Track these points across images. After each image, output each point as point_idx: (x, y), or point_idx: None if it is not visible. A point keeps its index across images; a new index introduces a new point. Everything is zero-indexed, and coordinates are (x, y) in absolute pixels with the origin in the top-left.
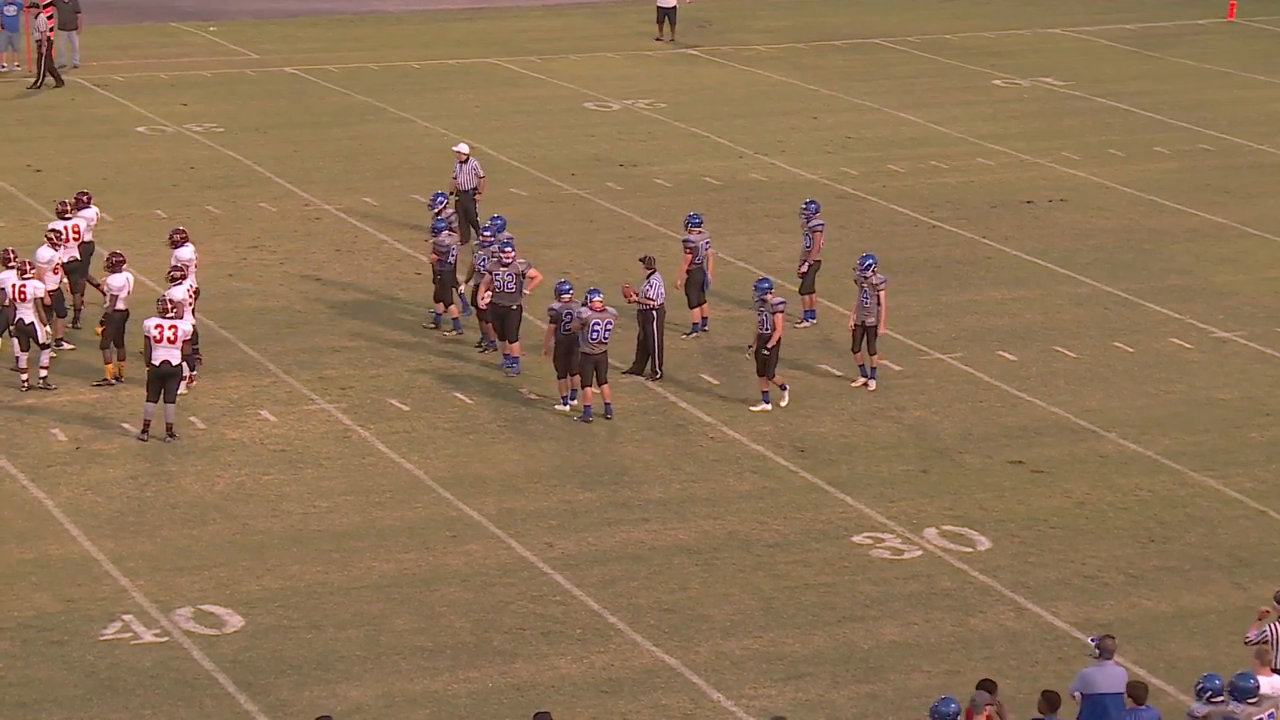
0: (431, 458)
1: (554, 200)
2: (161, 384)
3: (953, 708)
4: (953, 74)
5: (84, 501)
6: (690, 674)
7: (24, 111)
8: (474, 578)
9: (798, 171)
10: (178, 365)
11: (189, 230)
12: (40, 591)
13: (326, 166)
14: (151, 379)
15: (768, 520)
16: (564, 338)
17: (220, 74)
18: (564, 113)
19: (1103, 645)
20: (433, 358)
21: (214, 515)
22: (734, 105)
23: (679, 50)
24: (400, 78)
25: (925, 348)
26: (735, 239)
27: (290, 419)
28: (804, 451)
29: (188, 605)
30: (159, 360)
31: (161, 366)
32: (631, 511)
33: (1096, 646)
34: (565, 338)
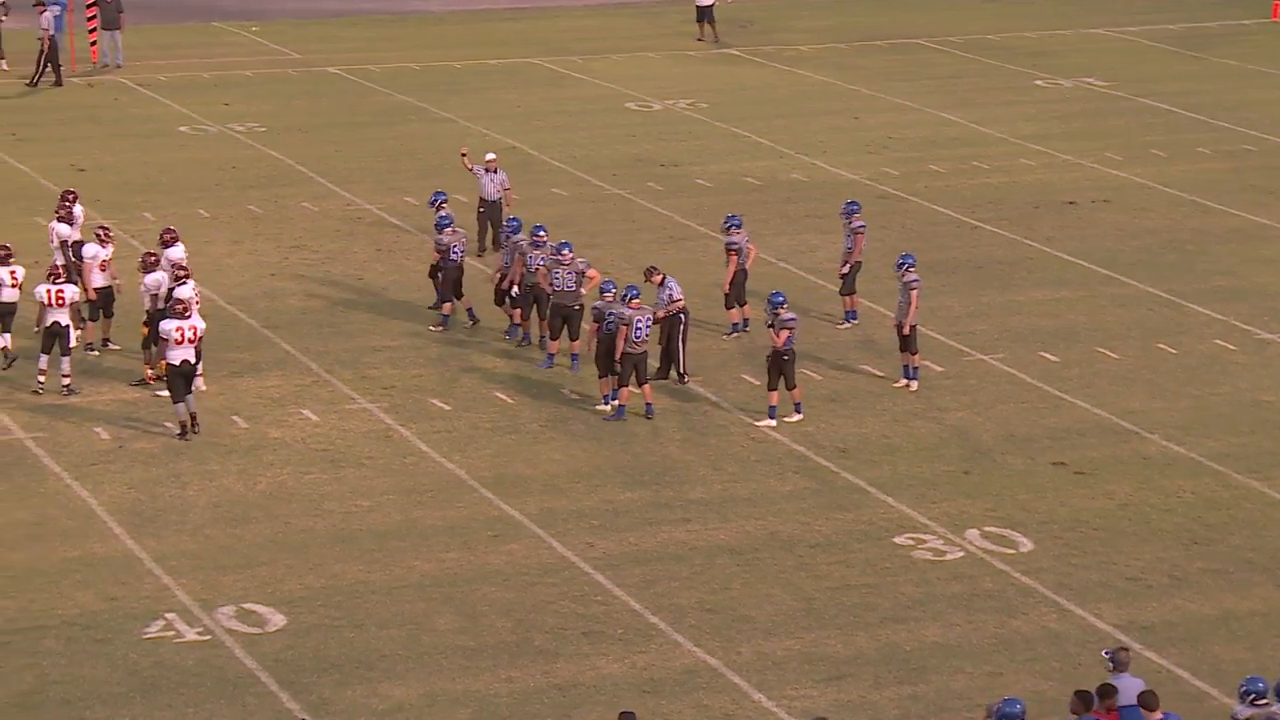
0: (473, 457)
1: (595, 200)
2: (186, 382)
3: (1018, 709)
4: (995, 74)
5: (127, 500)
6: (732, 674)
7: (67, 111)
8: (515, 577)
9: (839, 172)
10: (196, 363)
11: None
12: (84, 590)
13: (368, 166)
14: (175, 378)
15: (809, 521)
16: (605, 337)
17: (262, 74)
18: (605, 113)
19: (1117, 658)
20: (474, 357)
21: (256, 514)
22: (775, 105)
23: (720, 50)
24: (442, 78)
25: (967, 348)
26: (776, 239)
27: (332, 418)
28: (846, 452)
29: (230, 604)
30: (179, 360)
31: (182, 366)
32: (673, 511)
33: (1111, 659)
34: (607, 337)
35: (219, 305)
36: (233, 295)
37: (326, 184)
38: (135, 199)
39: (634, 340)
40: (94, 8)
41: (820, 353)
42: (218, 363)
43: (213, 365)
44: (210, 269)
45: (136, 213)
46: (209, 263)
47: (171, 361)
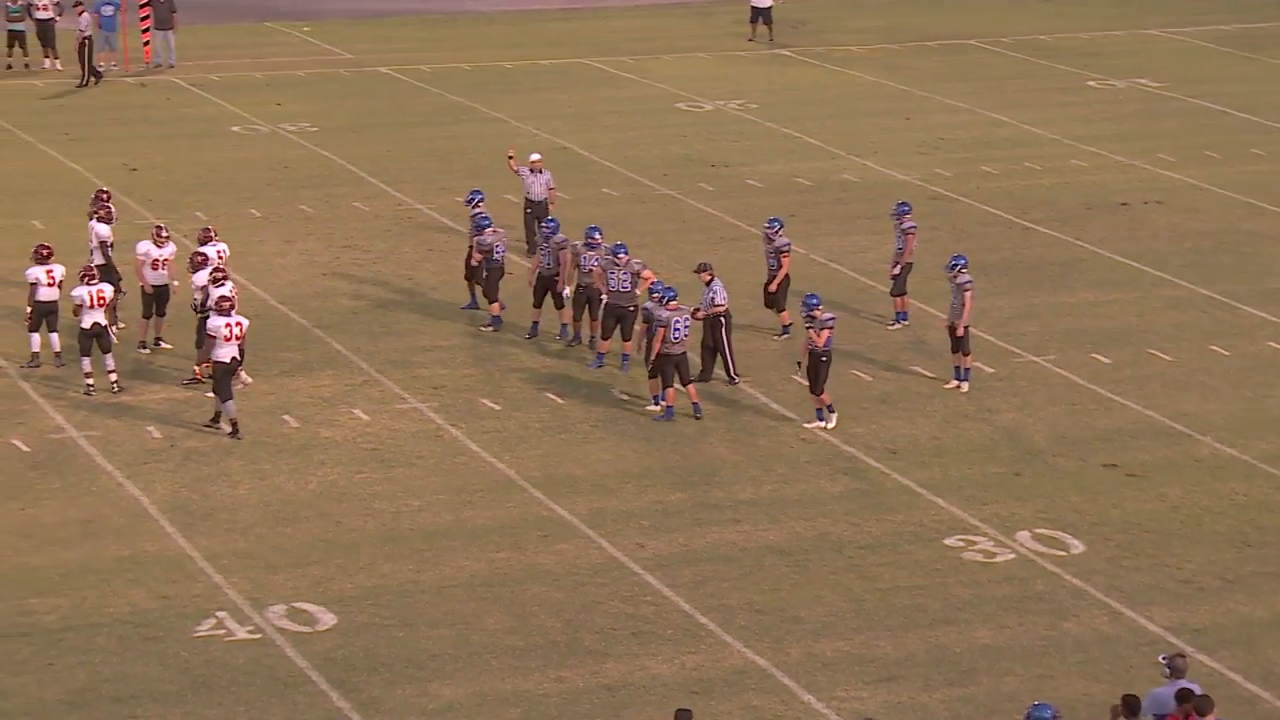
0: (523, 457)
1: (645, 200)
2: (232, 379)
3: (1048, 714)
4: (1047, 75)
5: (179, 499)
6: (781, 675)
7: (122, 111)
8: (565, 577)
9: (890, 172)
10: (241, 360)
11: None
12: (136, 588)
13: (419, 166)
14: (225, 376)
15: (859, 522)
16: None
17: (314, 74)
18: (656, 113)
19: (1174, 664)
20: (524, 357)
21: (307, 513)
22: (826, 106)
23: (772, 51)
24: (493, 78)
25: (1018, 350)
26: (827, 240)
27: (383, 418)
28: (896, 453)
29: (281, 603)
30: (229, 357)
31: (230, 363)
32: (723, 512)
33: (1168, 665)
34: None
35: (270, 305)
36: (284, 295)
37: (377, 184)
38: (187, 198)
39: (672, 341)
40: (147, 8)
41: (871, 354)
42: (269, 362)
43: (264, 364)
44: (262, 269)
45: (188, 212)
46: (260, 262)
47: (221, 359)
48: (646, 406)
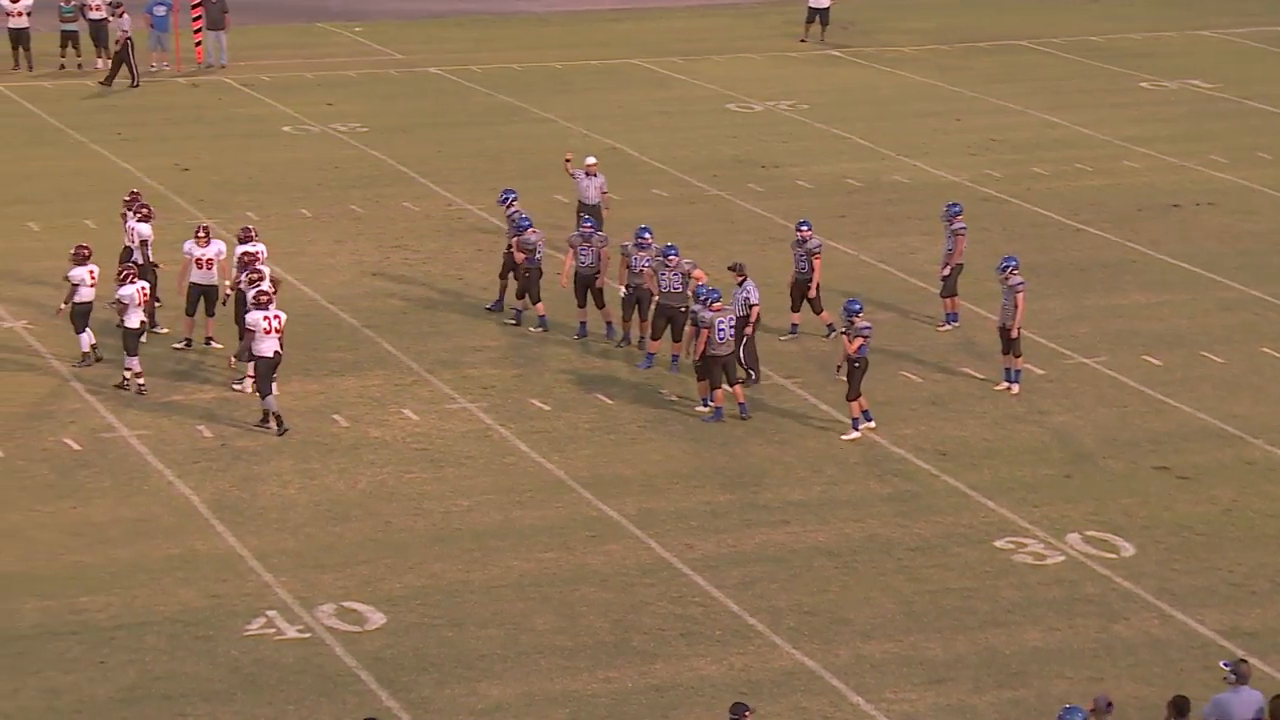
0: (572, 457)
1: (695, 201)
2: (274, 374)
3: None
4: (1098, 76)
5: (229, 498)
6: (830, 676)
7: (173, 111)
8: (614, 578)
9: (940, 173)
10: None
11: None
12: (187, 587)
13: (470, 166)
14: (266, 370)
15: (909, 524)
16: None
17: (365, 74)
18: (706, 114)
19: (1238, 670)
20: (574, 358)
21: (356, 513)
22: (877, 107)
23: (822, 51)
24: (543, 78)
25: (1068, 351)
26: (877, 241)
27: (432, 418)
28: (946, 455)
29: (330, 602)
30: (271, 351)
31: (274, 357)
32: (771, 513)
33: (1232, 671)
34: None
35: (320, 304)
36: (334, 295)
37: (427, 184)
38: (238, 198)
39: (717, 342)
40: (199, 8)
41: (921, 355)
42: (319, 362)
43: (314, 364)
44: (312, 268)
45: (239, 212)
46: (311, 262)
47: (264, 354)
48: (695, 408)
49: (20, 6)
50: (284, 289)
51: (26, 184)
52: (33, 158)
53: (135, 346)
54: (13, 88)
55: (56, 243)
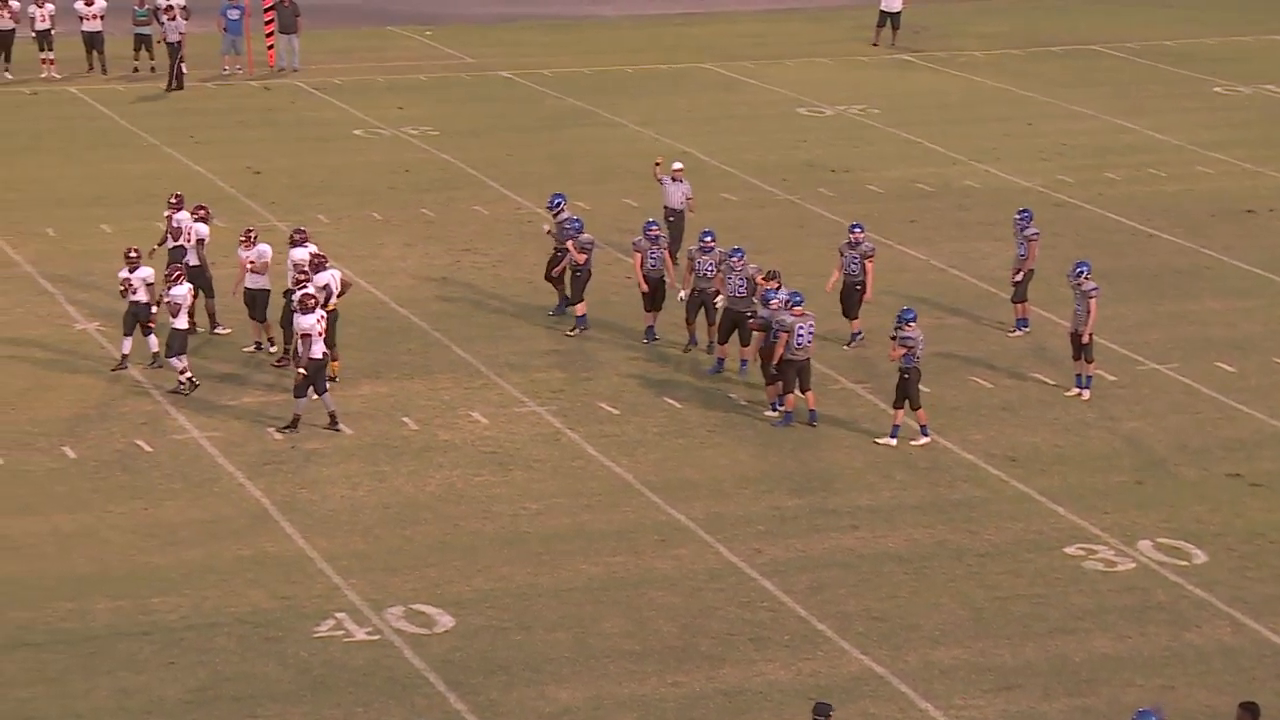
0: (641, 461)
1: (765, 205)
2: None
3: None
4: (1172, 80)
5: (299, 500)
6: (899, 682)
7: (246, 114)
8: (682, 582)
9: (1012, 178)
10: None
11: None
12: (257, 588)
13: (539, 170)
14: (317, 372)
15: (979, 530)
16: (774, 345)
17: (436, 77)
18: (776, 118)
19: None
20: (643, 362)
21: (426, 515)
22: (948, 111)
23: (893, 56)
24: (613, 82)
25: (1141, 358)
26: (948, 246)
27: (501, 421)
28: (1016, 461)
29: (399, 604)
30: (321, 354)
31: (322, 359)
32: (840, 518)
33: None
34: (775, 345)
35: (390, 307)
36: (404, 297)
37: (498, 187)
38: (310, 201)
39: (795, 347)
40: (271, 12)
41: (992, 360)
42: (389, 364)
43: (384, 367)
44: (383, 271)
45: (311, 214)
46: (381, 265)
47: (315, 356)
48: (764, 412)
49: (94, 10)
50: (354, 291)
51: (100, 186)
52: (106, 160)
53: (183, 346)
54: (86, 90)
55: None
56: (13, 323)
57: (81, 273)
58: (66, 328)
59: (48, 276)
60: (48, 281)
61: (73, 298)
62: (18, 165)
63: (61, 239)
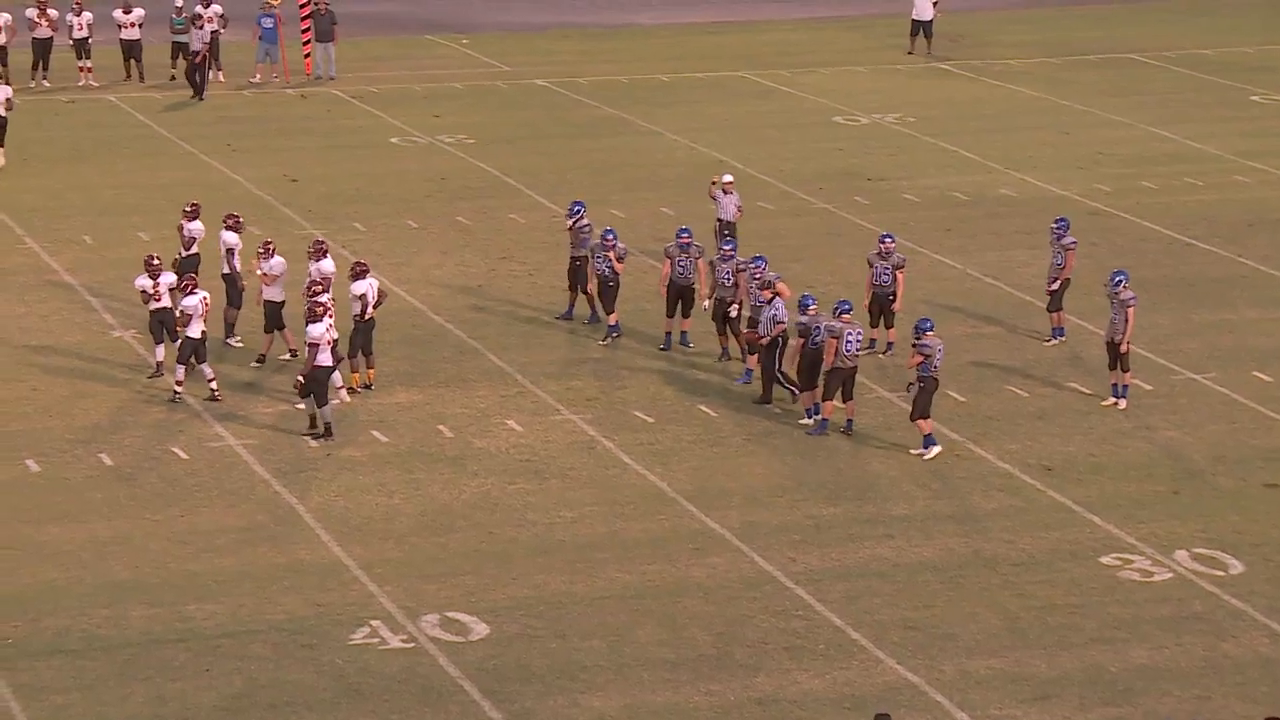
0: (675, 470)
1: (801, 214)
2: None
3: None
4: (1209, 89)
5: (334, 507)
6: (934, 692)
7: (283, 123)
8: (717, 590)
9: (1048, 187)
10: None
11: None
12: (291, 595)
13: (576, 178)
14: (320, 380)
15: (1014, 539)
16: (810, 351)
17: (472, 86)
18: (812, 126)
19: None
20: (678, 370)
21: (461, 523)
22: (984, 120)
23: (929, 64)
24: (650, 90)
25: (1177, 367)
26: (984, 255)
27: (537, 429)
28: (1052, 470)
29: (434, 612)
30: (327, 363)
31: (329, 368)
32: (876, 527)
33: None
34: (812, 351)
35: (426, 315)
36: (440, 305)
37: (534, 196)
38: (346, 209)
39: (844, 354)
40: (308, 20)
41: (1028, 369)
42: (425, 372)
43: (419, 375)
44: (418, 279)
45: (346, 223)
46: (417, 273)
47: (320, 364)
48: (800, 420)
49: (132, 18)
50: (389, 299)
51: (137, 195)
52: (143, 169)
53: (201, 354)
54: (124, 99)
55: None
56: (50, 330)
57: (118, 280)
58: (103, 335)
59: (85, 284)
60: (85, 289)
61: (110, 305)
62: (56, 173)
63: (99, 247)
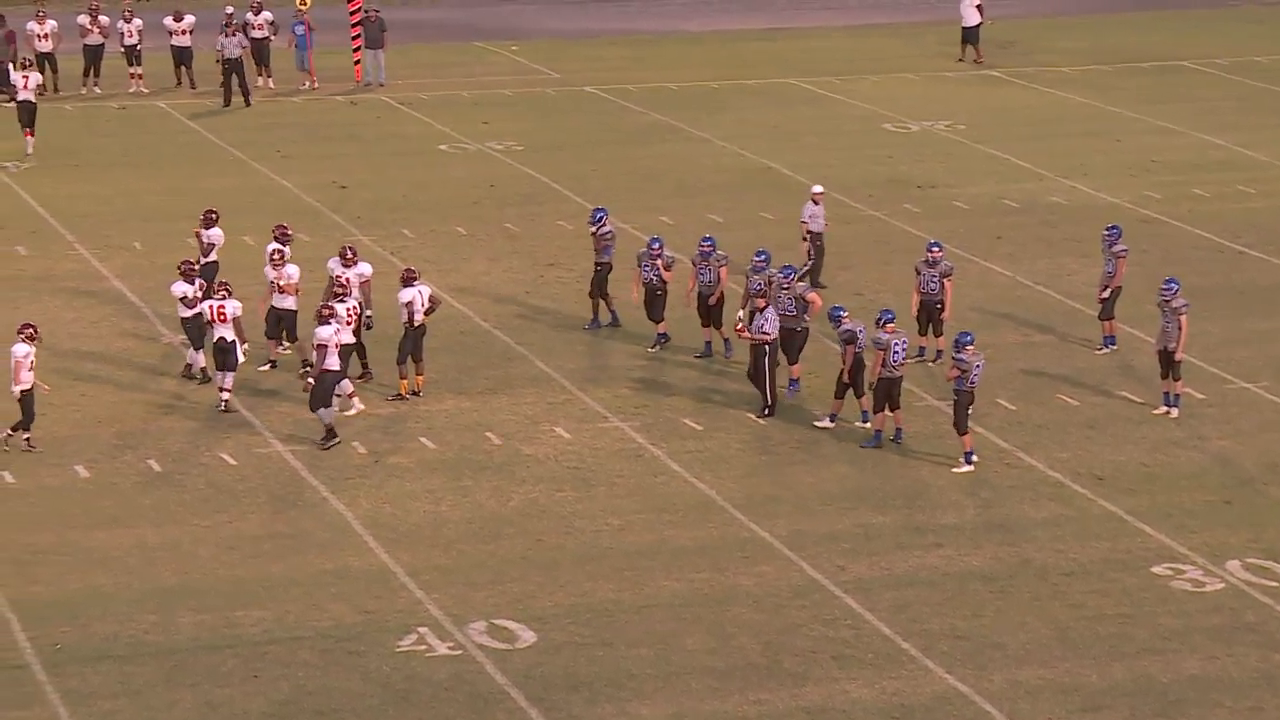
0: (724, 477)
1: (850, 221)
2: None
3: None
4: (1261, 96)
5: (382, 514)
6: (983, 702)
7: (330, 129)
8: (765, 599)
9: (1099, 195)
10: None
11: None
12: (339, 602)
13: (624, 185)
14: (327, 385)
15: (1064, 549)
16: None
17: (521, 93)
18: (862, 134)
19: None
20: (725, 379)
21: (508, 530)
22: (1035, 127)
23: (979, 71)
24: (699, 97)
25: (1229, 376)
26: (1035, 263)
27: (584, 436)
28: (1103, 479)
29: (482, 619)
30: (335, 365)
31: (337, 372)
32: (925, 536)
33: None
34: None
35: (474, 322)
36: (488, 312)
37: (582, 203)
38: (394, 216)
39: (891, 364)
40: (358, 27)
41: (1079, 378)
42: (473, 379)
43: (468, 381)
44: (467, 286)
45: (395, 229)
46: (465, 280)
47: (329, 368)
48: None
49: (183, 25)
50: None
51: (186, 201)
52: (192, 175)
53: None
54: (174, 105)
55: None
56: (100, 336)
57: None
58: (153, 341)
59: (135, 290)
60: (135, 295)
61: (159, 311)
62: (106, 179)
63: (149, 253)
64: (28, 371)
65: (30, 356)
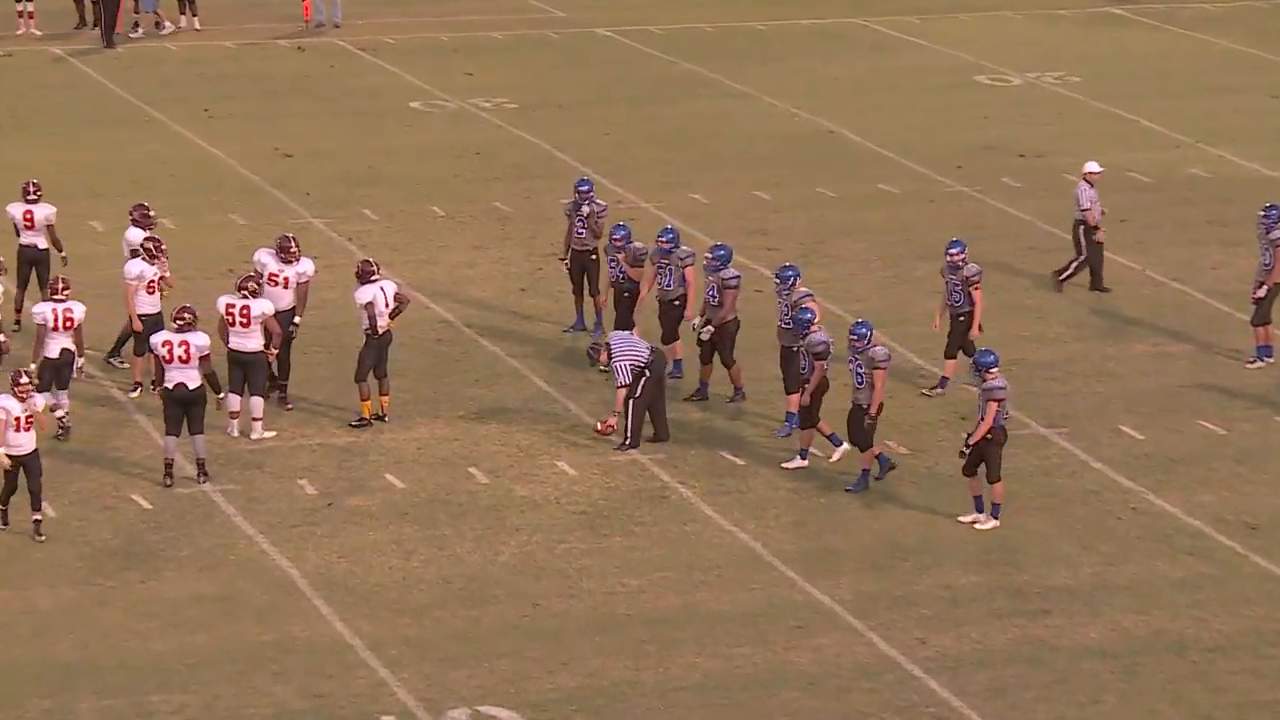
0: (771, 525)
1: (934, 199)
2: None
3: None
4: None
5: (336, 571)
6: None
7: (274, 82)
8: (824, 680)
9: (1253, 166)
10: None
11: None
12: (282, 684)
13: (644, 154)
14: (173, 407)
15: (1207, 617)
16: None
17: (515, 36)
18: (949, 88)
19: None
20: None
21: (497, 592)
22: (1170, 80)
23: (1099, 9)
24: (741, 42)
25: None
26: (1169, 251)
27: (593, 472)
28: (1257, 529)
29: (463, 706)
30: (174, 384)
31: (177, 390)
32: (1028, 601)
33: None
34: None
35: (455, 328)
36: (472, 316)
37: (592, 175)
38: (354, 193)
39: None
40: None
41: (1225, 399)
42: (452, 400)
43: (445, 403)
44: (445, 282)
45: (356, 209)
46: (444, 274)
47: (166, 385)
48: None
49: None
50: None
51: (92, 175)
52: (99, 142)
53: (49, 380)
54: (72, 51)
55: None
56: None
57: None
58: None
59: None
60: None
61: None
62: None
63: None
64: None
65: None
